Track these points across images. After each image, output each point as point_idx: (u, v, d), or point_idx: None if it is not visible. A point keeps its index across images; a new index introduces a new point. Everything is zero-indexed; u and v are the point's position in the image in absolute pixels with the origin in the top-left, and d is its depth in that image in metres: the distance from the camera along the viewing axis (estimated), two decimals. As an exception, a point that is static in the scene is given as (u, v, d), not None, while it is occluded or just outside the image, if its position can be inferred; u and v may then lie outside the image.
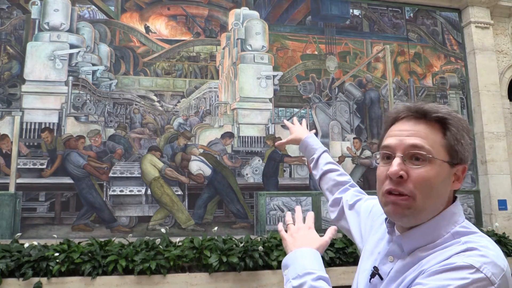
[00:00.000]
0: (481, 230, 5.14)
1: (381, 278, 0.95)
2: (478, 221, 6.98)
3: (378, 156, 0.97)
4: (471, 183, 7.19)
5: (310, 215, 1.10)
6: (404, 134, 0.91)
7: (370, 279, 0.98)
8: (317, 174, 1.55)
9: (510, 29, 7.89)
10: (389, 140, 0.93)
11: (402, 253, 0.93)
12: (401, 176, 0.88)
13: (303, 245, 0.98)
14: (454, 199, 0.96)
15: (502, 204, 6.92)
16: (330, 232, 1.06)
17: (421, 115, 0.92)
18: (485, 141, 7.10)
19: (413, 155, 0.89)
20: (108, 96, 6.13)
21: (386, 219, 1.01)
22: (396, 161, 0.89)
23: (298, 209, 1.15)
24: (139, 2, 6.58)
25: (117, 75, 6.23)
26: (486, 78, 7.34)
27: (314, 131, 1.71)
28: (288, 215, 1.11)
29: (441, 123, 0.91)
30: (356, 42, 7.27)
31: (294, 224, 1.07)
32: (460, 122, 0.92)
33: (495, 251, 0.83)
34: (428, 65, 7.50)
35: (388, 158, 0.92)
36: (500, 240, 6.13)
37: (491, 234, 6.19)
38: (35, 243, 4.84)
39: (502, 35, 7.80)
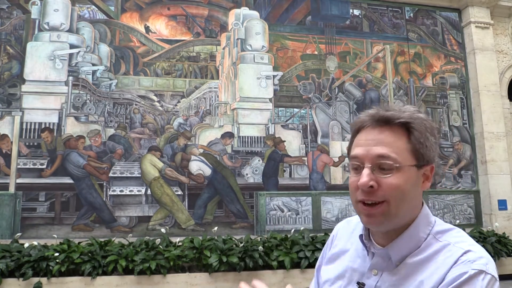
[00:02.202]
0: (481, 230, 5.11)
1: None
2: (478, 221, 6.99)
3: (348, 166, 1.00)
4: (471, 183, 7.19)
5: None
6: (370, 143, 0.92)
7: None
8: None
9: (510, 29, 7.89)
10: (357, 150, 0.94)
11: (387, 264, 0.93)
12: (371, 186, 0.89)
13: None
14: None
15: (502, 204, 6.92)
16: None
17: (384, 122, 0.93)
18: (485, 141, 7.09)
19: (381, 165, 0.90)
20: (108, 96, 6.13)
21: (360, 236, 1.02)
22: (365, 172, 0.90)
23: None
24: (139, 2, 6.58)
25: (117, 75, 6.23)
26: (486, 78, 7.34)
27: None
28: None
29: (405, 128, 0.92)
30: (356, 42, 7.27)
31: None
32: (423, 123, 0.93)
33: (479, 245, 0.90)
34: (428, 65, 7.50)
35: (358, 168, 0.94)
36: (500, 240, 6.13)
37: (491, 234, 6.19)
38: (35, 243, 4.84)
39: (502, 35, 7.80)
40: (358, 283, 0.97)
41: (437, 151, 0.96)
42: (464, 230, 0.97)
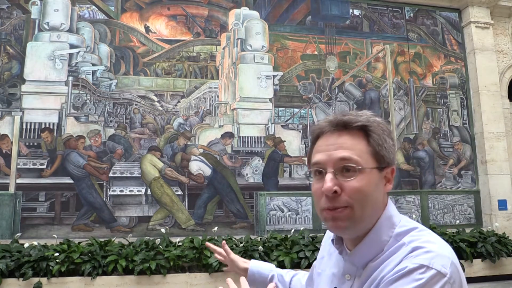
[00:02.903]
0: (481, 230, 5.11)
1: None
2: (478, 221, 6.99)
3: (310, 173, 1.01)
4: (471, 183, 7.19)
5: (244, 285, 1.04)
6: (331, 148, 0.93)
7: None
8: None
9: (510, 29, 7.89)
10: (318, 156, 0.94)
11: (357, 269, 0.95)
12: (335, 191, 0.89)
13: None
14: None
15: (502, 204, 6.92)
16: None
17: (342, 127, 0.94)
18: (485, 141, 7.10)
19: (343, 168, 0.90)
20: (108, 96, 6.13)
21: (332, 240, 1.03)
22: (329, 176, 0.90)
23: (230, 283, 1.07)
24: (139, 2, 6.58)
25: (117, 75, 6.23)
26: (486, 78, 7.34)
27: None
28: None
29: (363, 131, 0.93)
30: (356, 42, 7.27)
31: None
32: (379, 126, 0.95)
33: (437, 243, 0.87)
34: (428, 65, 7.50)
35: (320, 173, 0.94)
36: (500, 240, 6.12)
37: (491, 234, 6.19)
38: (35, 243, 4.85)
39: (502, 35, 7.80)
40: None
41: (395, 154, 0.97)
42: (464, 230, 0.97)
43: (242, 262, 1.46)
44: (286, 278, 1.39)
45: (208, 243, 1.62)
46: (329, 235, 1.12)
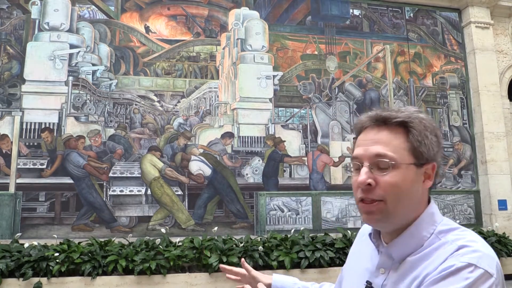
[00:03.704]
0: (481, 230, 5.11)
1: None
2: (478, 221, 6.98)
3: (350, 166, 1.02)
4: (471, 183, 7.18)
5: None
6: (368, 143, 0.95)
7: None
8: None
9: (510, 29, 7.89)
10: (357, 150, 0.98)
11: (392, 263, 0.95)
12: (369, 184, 0.92)
13: None
14: (429, 199, 0.99)
15: (502, 204, 6.92)
16: None
17: (382, 122, 0.96)
18: (485, 141, 7.09)
19: (379, 163, 0.93)
20: (108, 96, 6.13)
21: (370, 234, 1.04)
22: (363, 170, 0.93)
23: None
24: (139, 2, 6.58)
25: (117, 75, 6.23)
26: (486, 78, 7.34)
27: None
28: None
29: (403, 127, 0.94)
30: (356, 42, 7.27)
31: None
32: (422, 122, 0.95)
33: (481, 242, 0.87)
34: (428, 65, 7.50)
35: (358, 168, 0.97)
36: (500, 240, 6.13)
37: (491, 234, 6.19)
38: (35, 243, 4.84)
39: (502, 35, 7.79)
40: (367, 281, 0.99)
41: (439, 151, 0.97)
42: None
43: (264, 278, 1.42)
44: None
45: (222, 266, 1.51)
46: (363, 232, 1.14)
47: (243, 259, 1.53)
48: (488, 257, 0.84)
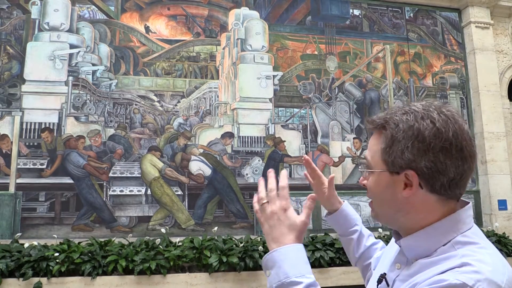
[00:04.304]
0: (481, 230, 5.14)
1: (388, 284, 0.95)
2: (478, 221, 6.99)
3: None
4: (471, 183, 7.18)
5: (283, 176, 1.03)
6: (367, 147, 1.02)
7: (378, 284, 0.98)
8: (357, 250, 1.37)
9: (510, 29, 7.89)
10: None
11: (407, 261, 0.93)
12: (364, 185, 1.00)
13: (281, 237, 0.94)
14: (464, 204, 0.93)
15: (502, 204, 6.92)
16: (308, 207, 1.00)
17: (373, 126, 0.97)
18: (485, 141, 7.10)
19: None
20: (108, 96, 6.13)
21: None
22: (363, 173, 1.02)
23: (271, 175, 1.06)
24: (139, 2, 6.57)
25: (117, 75, 6.23)
26: (486, 78, 7.34)
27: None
28: (261, 185, 1.05)
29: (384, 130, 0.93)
30: (356, 42, 7.27)
31: (267, 201, 1.01)
32: (398, 125, 0.88)
33: (492, 266, 0.79)
34: (428, 65, 7.50)
35: None
36: (500, 240, 6.13)
37: (491, 234, 6.19)
38: (35, 243, 4.84)
39: (502, 35, 7.79)
40: (382, 273, 0.99)
41: (425, 157, 0.86)
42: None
43: (334, 197, 1.39)
44: (366, 241, 1.38)
45: (306, 158, 1.48)
46: None
47: (332, 175, 1.46)
48: (491, 283, 0.76)
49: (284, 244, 0.93)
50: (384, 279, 0.97)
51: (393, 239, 1.13)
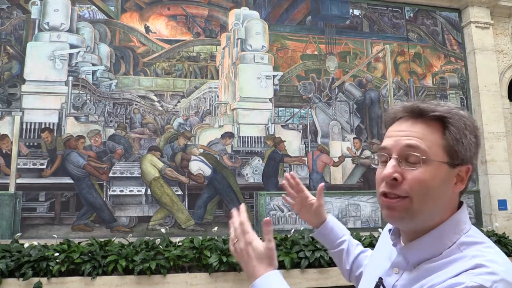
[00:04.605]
0: (481, 230, 5.08)
1: None
2: (478, 221, 6.99)
3: (376, 158, 0.95)
4: (471, 183, 7.15)
5: (242, 211, 1.05)
6: (401, 134, 0.89)
7: None
8: (348, 260, 1.35)
9: (510, 29, 7.89)
10: (386, 141, 0.91)
11: (407, 265, 0.90)
12: (395, 179, 0.86)
13: (254, 271, 0.98)
14: (460, 204, 0.92)
15: (502, 204, 6.92)
16: (266, 232, 1.03)
17: (417, 115, 0.89)
18: (485, 141, 7.09)
19: (408, 156, 0.86)
20: (108, 96, 6.13)
21: (389, 230, 1.00)
22: (391, 163, 0.87)
23: (234, 215, 1.08)
24: (139, 2, 6.58)
25: (117, 75, 6.23)
26: (486, 78, 7.34)
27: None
28: (231, 227, 1.06)
29: (440, 122, 0.87)
30: (356, 42, 7.27)
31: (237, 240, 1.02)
32: (462, 119, 0.87)
33: (504, 266, 0.79)
34: (428, 65, 7.50)
35: (386, 160, 0.91)
36: (500, 240, 6.12)
37: (491, 234, 6.19)
38: (35, 243, 4.84)
39: (502, 35, 7.80)
40: (379, 278, 0.95)
41: (477, 153, 0.90)
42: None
43: (323, 207, 1.35)
44: (355, 250, 1.35)
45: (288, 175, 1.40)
46: (389, 226, 1.07)
47: (321, 185, 1.38)
48: (507, 284, 0.75)
49: (258, 277, 0.95)
50: (382, 285, 0.94)
51: (380, 241, 1.12)
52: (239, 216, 1.06)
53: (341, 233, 1.35)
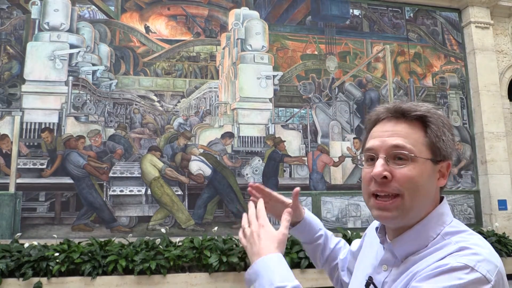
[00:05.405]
0: (481, 230, 5.12)
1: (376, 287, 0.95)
2: (478, 221, 6.99)
3: (362, 159, 0.97)
4: (471, 183, 7.18)
5: (260, 206, 1.05)
6: (386, 135, 0.92)
7: None
8: (324, 254, 1.35)
9: (510, 29, 7.89)
10: (372, 142, 0.94)
11: (395, 260, 0.92)
12: (385, 177, 0.89)
13: (261, 250, 0.94)
14: (441, 199, 0.96)
15: (502, 204, 6.92)
16: (285, 220, 1.01)
17: (400, 115, 0.93)
18: (485, 141, 7.10)
19: (396, 155, 0.89)
20: (108, 96, 6.13)
21: (376, 228, 1.02)
22: (380, 162, 0.90)
23: (250, 206, 1.07)
24: (139, 2, 6.58)
25: (117, 75, 6.23)
26: (486, 78, 7.34)
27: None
28: (244, 217, 1.05)
29: (421, 121, 0.92)
30: (356, 42, 7.27)
31: (248, 225, 1.02)
32: (440, 118, 0.93)
33: (487, 248, 0.83)
34: (428, 65, 7.50)
35: (372, 160, 0.93)
36: (500, 240, 6.13)
37: (491, 234, 6.19)
38: (35, 243, 4.85)
39: (502, 35, 7.79)
40: (369, 277, 0.97)
41: (453, 150, 0.95)
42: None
43: (299, 209, 1.31)
44: (331, 243, 1.36)
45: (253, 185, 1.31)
46: (373, 225, 1.11)
47: (297, 189, 1.33)
48: (489, 263, 0.79)
49: (264, 255, 0.93)
50: (372, 283, 0.96)
51: (365, 240, 1.14)
52: (257, 204, 1.05)
53: (318, 227, 1.36)
